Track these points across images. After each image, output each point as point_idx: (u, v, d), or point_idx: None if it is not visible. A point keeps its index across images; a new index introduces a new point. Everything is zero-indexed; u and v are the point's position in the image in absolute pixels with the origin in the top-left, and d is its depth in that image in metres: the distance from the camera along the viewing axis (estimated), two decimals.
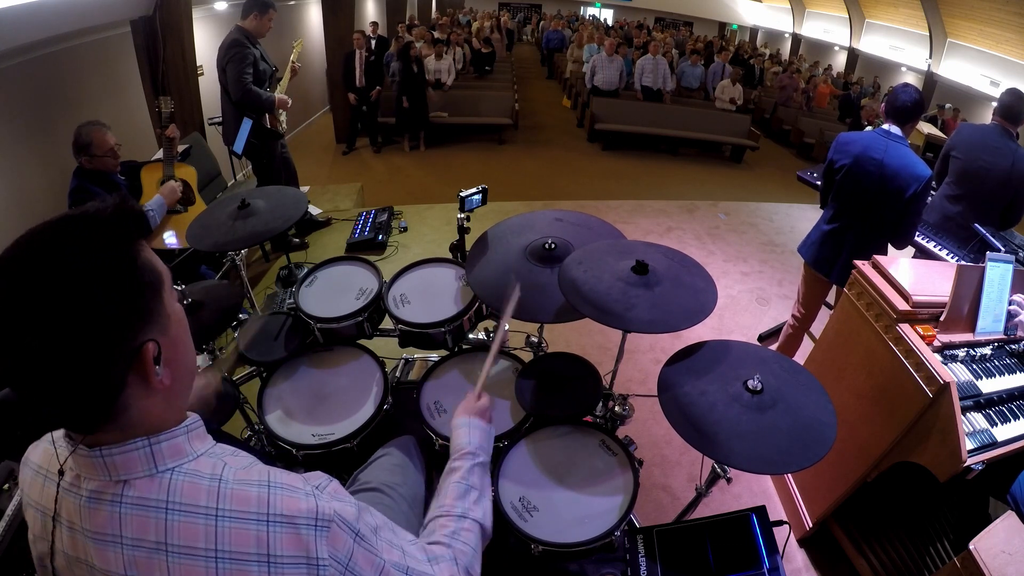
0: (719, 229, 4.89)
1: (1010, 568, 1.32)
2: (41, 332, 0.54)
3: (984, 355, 1.72)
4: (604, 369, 1.75)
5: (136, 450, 0.63)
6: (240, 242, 1.81)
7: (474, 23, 13.45)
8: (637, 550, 1.43)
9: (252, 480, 0.66)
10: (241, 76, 3.31)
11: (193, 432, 0.69)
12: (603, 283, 1.42)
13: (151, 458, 0.64)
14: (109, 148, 2.48)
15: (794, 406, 1.30)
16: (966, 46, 11.97)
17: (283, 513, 0.64)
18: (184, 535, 0.62)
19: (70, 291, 0.55)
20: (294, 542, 0.64)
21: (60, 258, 0.55)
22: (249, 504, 0.64)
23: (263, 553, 0.63)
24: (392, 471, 1.33)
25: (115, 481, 0.63)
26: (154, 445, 0.64)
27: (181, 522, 0.62)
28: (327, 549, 0.65)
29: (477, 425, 1.08)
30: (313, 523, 0.65)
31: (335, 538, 0.66)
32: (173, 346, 0.66)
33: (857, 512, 2.02)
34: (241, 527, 0.63)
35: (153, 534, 0.62)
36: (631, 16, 20.47)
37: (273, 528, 0.63)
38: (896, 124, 2.27)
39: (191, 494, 0.63)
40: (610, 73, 8.36)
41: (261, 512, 0.64)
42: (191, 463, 0.66)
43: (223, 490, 0.64)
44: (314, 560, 0.64)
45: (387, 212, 4.35)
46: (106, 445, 0.63)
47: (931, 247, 2.80)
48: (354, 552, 0.68)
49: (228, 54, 3.31)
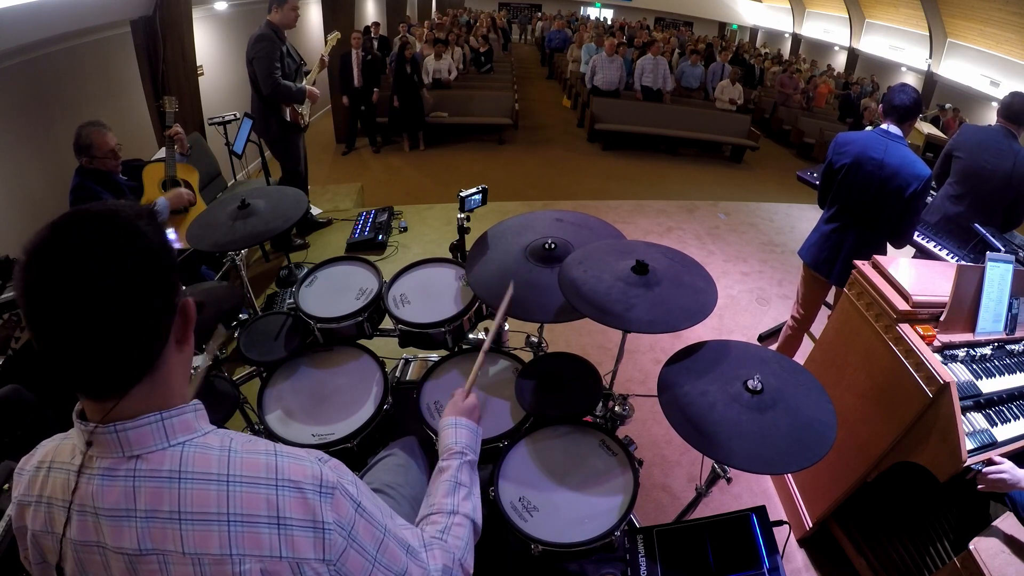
0: (719, 229, 4.89)
1: (1010, 568, 1.32)
2: (116, 278, 0.59)
3: (984, 355, 1.72)
4: (604, 369, 1.75)
5: (149, 424, 0.66)
6: (240, 242, 1.81)
7: (475, 24, 13.46)
8: (637, 550, 1.43)
9: (259, 449, 0.70)
10: (271, 71, 3.35)
11: (199, 412, 0.72)
12: (603, 283, 1.42)
13: (163, 432, 0.66)
14: (110, 149, 2.48)
15: (794, 406, 1.31)
16: (966, 46, 11.97)
17: (291, 478, 0.67)
18: (198, 502, 0.64)
19: (143, 251, 0.62)
20: (302, 506, 0.67)
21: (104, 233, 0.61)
22: (258, 469, 0.67)
23: (273, 515, 0.65)
24: (395, 471, 1.34)
25: (128, 457, 0.65)
26: (166, 420, 0.67)
27: (194, 490, 0.65)
28: (332, 515, 0.68)
29: (464, 424, 1.09)
30: (318, 489, 0.68)
31: (339, 505, 0.69)
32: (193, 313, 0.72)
33: (857, 512, 2.02)
34: (252, 491, 0.66)
35: (167, 504, 0.64)
36: (631, 16, 20.47)
37: (282, 492, 0.66)
38: (895, 124, 2.28)
39: (203, 463, 0.66)
40: (610, 73, 8.36)
41: (270, 477, 0.67)
42: (200, 438, 0.69)
43: (233, 458, 0.67)
44: (320, 524, 0.67)
45: (387, 212, 4.35)
46: (120, 420, 0.65)
47: (931, 247, 2.80)
48: (356, 521, 0.71)
49: (255, 49, 3.36)
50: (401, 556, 0.76)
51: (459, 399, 1.16)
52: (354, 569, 0.70)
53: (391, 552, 0.75)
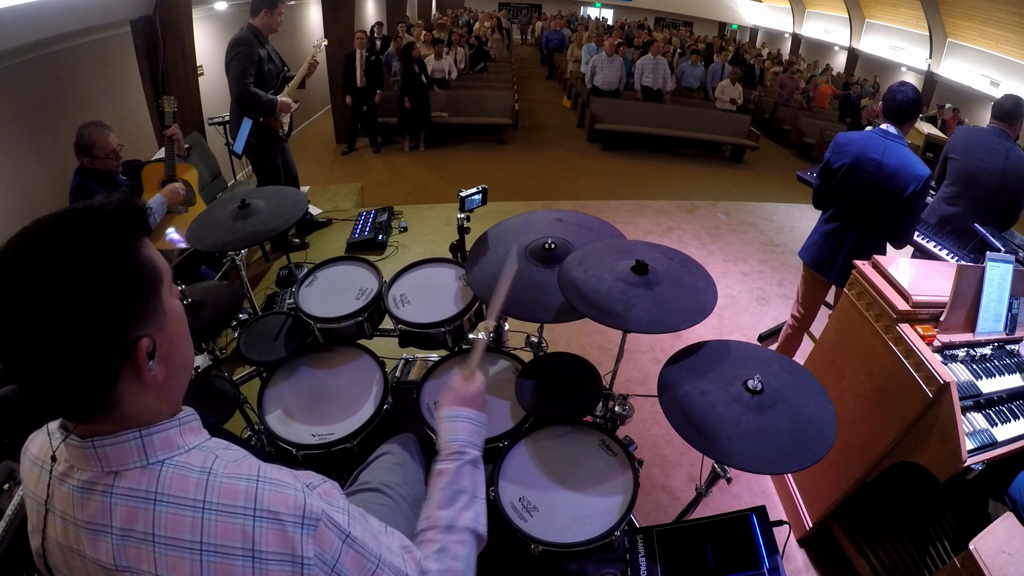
0: (719, 229, 4.89)
1: (1010, 568, 1.32)
2: (39, 320, 0.55)
3: (984, 355, 1.72)
4: (604, 369, 1.75)
5: (127, 442, 0.64)
6: (240, 242, 1.81)
7: (476, 24, 13.46)
8: (637, 550, 1.43)
9: (241, 474, 0.66)
10: (243, 75, 3.26)
11: (186, 425, 0.70)
12: (603, 283, 1.42)
13: (142, 450, 0.65)
14: (111, 149, 2.48)
15: (794, 406, 1.30)
16: (966, 46, 11.97)
17: (270, 509, 0.64)
18: (171, 527, 0.62)
19: (68, 283, 0.56)
20: (279, 538, 0.63)
21: (60, 250, 0.57)
22: (236, 498, 0.64)
23: (248, 548, 0.62)
24: (392, 470, 1.33)
25: (107, 472, 0.64)
26: (145, 437, 0.65)
27: (168, 514, 0.63)
28: (313, 548, 0.64)
29: (464, 416, 0.99)
30: (300, 520, 0.64)
31: (322, 537, 0.66)
32: (169, 342, 0.67)
33: (857, 512, 2.02)
34: (227, 521, 0.63)
35: (142, 525, 0.62)
36: (631, 16, 20.47)
37: (259, 523, 0.63)
38: (894, 124, 2.27)
39: (180, 486, 0.64)
40: (610, 73, 8.36)
41: (248, 507, 0.64)
42: (182, 455, 0.67)
43: (211, 483, 0.64)
44: (299, 559, 0.63)
45: (387, 212, 4.35)
46: (98, 436, 0.63)
47: (931, 247, 2.80)
48: (342, 554, 0.67)
49: (232, 52, 3.28)
50: None
51: (459, 384, 1.03)
52: None
53: None
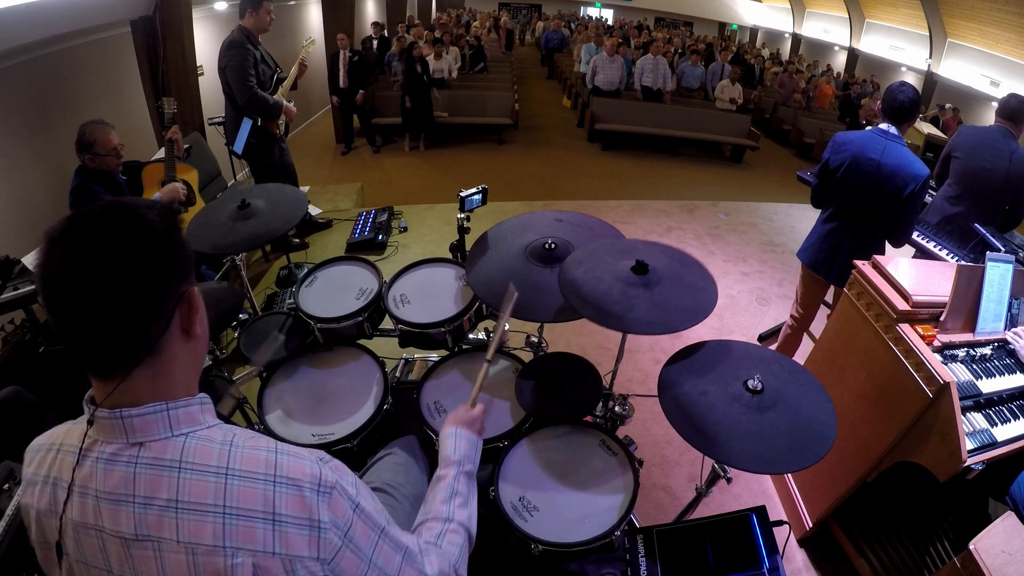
0: (719, 229, 4.89)
1: (1010, 568, 1.32)
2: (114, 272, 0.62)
3: (984, 355, 1.72)
4: (604, 369, 1.75)
5: (154, 413, 0.67)
6: (240, 245, 1.81)
7: (474, 23, 13.46)
8: (637, 550, 1.43)
9: (261, 446, 0.70)
10: (245, 80, 3.21)
11: (206, 406, 0.73)
12: (603, 284, 1.42)
13: (167, 422, 0.68)
14: (112, 148, 2.48)
15: (794, 406, 1.31)
16: (966, 46, 11.97)
17: (289, 476, 0.68)
18: (195, 492, 0.65)
19: (135, 243, 0.64)
20: (298, 503, 0.67)
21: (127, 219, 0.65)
22: (258, 465, 0.68)
23: (269, 511, 0.66)
24: (395, 470, 1.34)
25: (132, 443, 0.67)
26: (171, 410, 0.69)
27: (193, 480, 0.66)
28: (328, 514, 0.69)
29: (463, 436, 1.09)
30: (316, 487, 0.69)
31: (336, 505, 0.70)
32: (201, 304, 0.73)
33: (857, 512, 2.02)
34: (249, 486, 0.66)
35: (165, 492, 0.65)
36: (631, 16, 20.48)
37: (279, 489, 0.67)
38: (893, 124, 2.27)
39: (203, 455, 0.67)
40: (611, 73, 8.36)
41: (269, 473, 0.68)
42: (204, 431, 0.71)
43: (233, 453, 0.68)
44: (316, 523, 0.67)
45: (387, 212, 4.35)
46: (126, 407, 0.66)
47: (931, 247, 2.80)
48: (353, 522, 0.72)
49: (227, 57, 3.22)
50: (396, 559, 0.76)
51: (462, 409, 1.16)
52: (348, 569, 0.71)
53: (386, 554, 0.75)
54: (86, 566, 0.69)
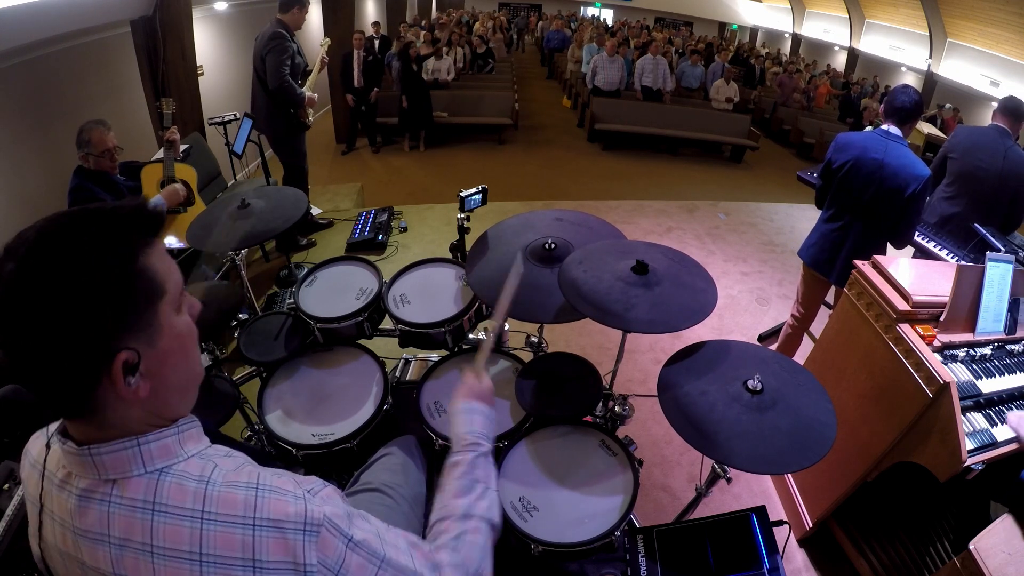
0: (719, 229, 4.89)
1: (1010, 568, 1.32)
2: (28, 310, 0.55)
3: (984, 355, 1.72)
4: (604, 369, 1.75)
5: (124, 450, 0.63)
6: (240, 242, 1.81)
7: (475, 24, 13.46)
8: (637, 550, 1.43)
9: (240, 483, 0.65)
10: (281, 66, 3.37)
11: (184, 433, 0.69)
12: (603, 283, 1.42)
13: (139, 458, 0.64)
14: (106, 148, 2.48)
15: (794, 406, 1.30)
16: (966, 46, 11.97)
17: (270, 517, 0.63)
18: (169, 537, 0.62)
19: (61, 279, 0.55)
20: (281, 547, 0.62)
21: (62, 246, 0.56)
22: (236, 508, 0.63)
23: (248, 558, 0.62)
24: (393, 471, 1.33)
25: (104, 480, 0.63)
26: (143, 445, 0.64)
27: (167, 524, 0.62)
28: (316, 555, 0.64)
29: (479, 410, 1.01)
30: (302, 527, 0.63)
31: (325, 543, 0.65)
32: (161, 359, 0.64)
33: (857, 512, 2.02)
34: (227, 531, 0.62)
35: (140, 535, 0.62)
36: (631, 16, 20.47)
37: (259, 532, 0.62)
38: (895, 125, 2.28)
39: (177, 496, 0.63)
40: (611, 73, 8.36)
41: (247, 516, 0.63)
42: (181, 464, 0.66)
43: (210, 492, 0.63)
44: (301, 566, 0.63)
45: (387, 212, 4.36)
46: (95, 443, 0.63)
47: (931, 247, 2.80)
48: (346, 558, 0.66)
49: (270, 44, 3.36)
50: None
51: (472, 380, 1.05)
52: None
53: None
54: None
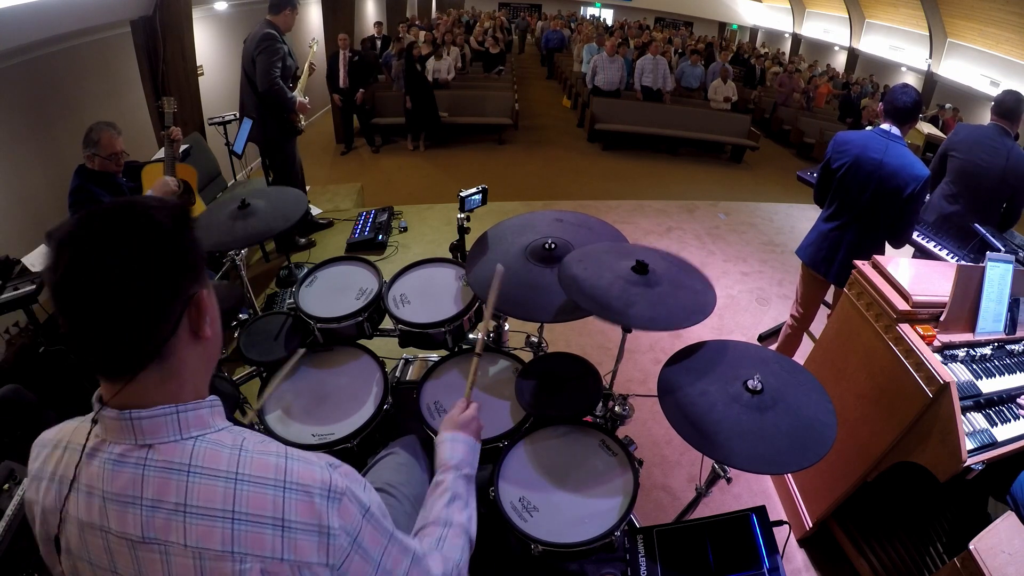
0: (719, 229, 4.89)
1: (1010, 568, 1.32)
2: (119, 272, 0.61)
3: (984, 355, 1.72)
4: (604, 369, 1.75)
5: (164, 416, 0.67)
6: (240, 242, 1.81)
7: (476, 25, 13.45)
8: (637, 550, 1.43)
9: (271, 451, 0.70)
10: (271, 68, 3.32)
11: (215, 409, 0.73)
12: (604, 280, 1.42)
13: (177, 425, 0.68)
14: (113, 152, 2.48)
15: (794, 406, 1.30)
16: (966, 46, 11.98)
17: (299, 482, 0.68)
18: (204, 496, 0.65)
19: (144, 242, 0.63)
20: (308, 509, 0.67)
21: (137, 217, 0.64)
22: (268, 471, 0.68)
23: (278, 517, 0.66)
24: (397, 470, 1.34)
25: (140, 445, 0.66)
26: (181, 413, 0.68)
27: (202, 484, 0.65)
28: (338, 520, 0.69)
29: (461, 439, 1.09)
30: (327, 493, 0.69)
31: (346, 511, 0.70)
32: (212, 306, 0.73)
33: (857, 512, 2.02)
34: (259, 492, 0.66)
35: (174, 495, 0.65)
36: (631, 16, 20.47)
37: (289, 495, 0.67)
38: (895, 124, 2.28)
39: (213, 460, 0.67)
40: (611, 73, 8.36)
41: (279, 479, 0.67)
42: (213, 434, 0.70)
43: (243, 458, 0.68)
44: (325, 528, 0.67)
45: (387, 212, 4.36)
46: (135, 408, 0.66)
47: (931, 247, 2.80)
48: (362, 527, 0.72)
49: (261, 45, 3.31)
50: (404, 563, 0.77)
51: (456, 412, 1.15)
52: (357, 574, 0.71)
53: (394, 559, 0.76)
54: (90, 565, 0.69)
